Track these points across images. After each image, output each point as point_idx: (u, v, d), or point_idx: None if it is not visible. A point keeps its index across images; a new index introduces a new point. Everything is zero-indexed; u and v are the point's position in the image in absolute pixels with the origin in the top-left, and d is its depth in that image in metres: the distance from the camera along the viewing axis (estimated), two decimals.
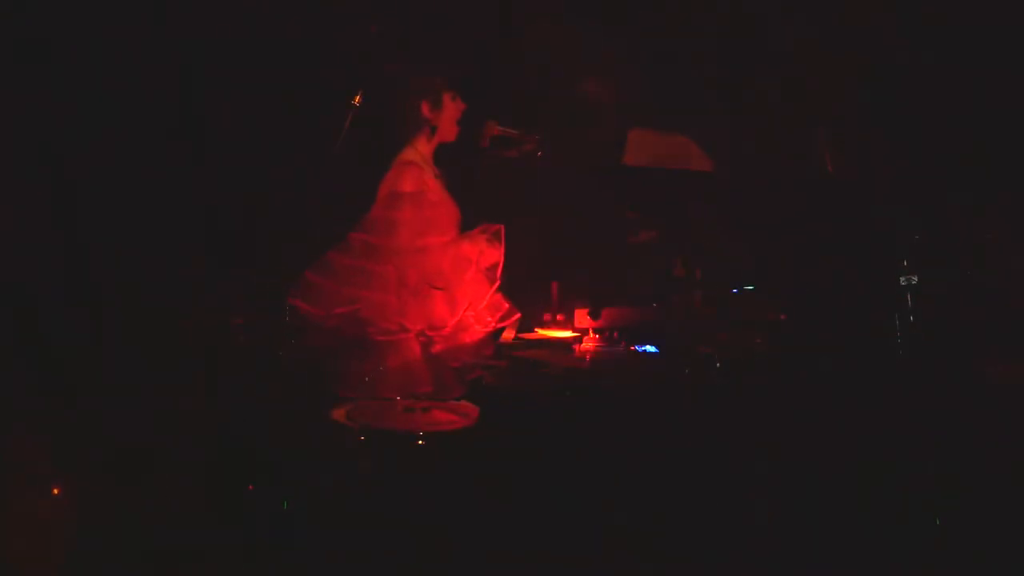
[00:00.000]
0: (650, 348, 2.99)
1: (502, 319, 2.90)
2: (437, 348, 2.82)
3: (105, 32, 2.80)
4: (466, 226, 3.01)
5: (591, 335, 3.06)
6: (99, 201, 2.33)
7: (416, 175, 2.91)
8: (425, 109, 2.96)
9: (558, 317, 3.21)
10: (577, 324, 3.13)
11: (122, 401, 2.34)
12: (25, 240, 2.26)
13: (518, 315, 2.95)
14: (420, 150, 2.99)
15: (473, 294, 2.87)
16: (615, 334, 3.05)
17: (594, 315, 3.09)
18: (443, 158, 3.08)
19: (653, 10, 3.54)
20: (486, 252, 2.90)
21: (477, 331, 2.88)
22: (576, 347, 3.00)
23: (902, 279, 2.73)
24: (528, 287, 3.21)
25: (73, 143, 2.45)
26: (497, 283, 2.89)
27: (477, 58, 3.38)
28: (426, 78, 2.98)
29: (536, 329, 3.19)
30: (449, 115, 3.00)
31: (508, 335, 3.05)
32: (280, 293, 2.76)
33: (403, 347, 2.79)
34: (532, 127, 3.09)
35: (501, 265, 2.90)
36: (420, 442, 2.53)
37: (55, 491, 2.24)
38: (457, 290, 2.85)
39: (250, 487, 2.44)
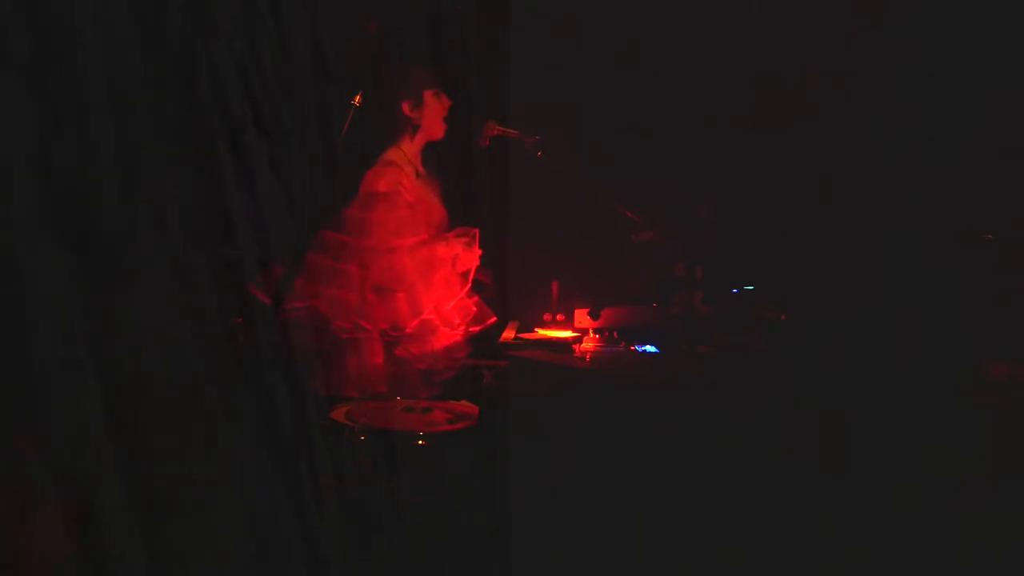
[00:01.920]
0: (650, 348, 3.00)
1: (473, 323, 2.90)
2: (400, 349, 2.83)
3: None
4: (458, 226, 3.01)
5: (591, 335, 3.06)
6: (92, 199, 2.31)
7: (392, 175, 2.92)
8: (406, 108, 2.97)
9: (558, 317, 3.22)
10: (577, 324, 3.13)
11: (120, 401, 2.33)
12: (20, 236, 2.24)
13: (493, 319, 2.95)
14: (404, 149, 2.99)
15: (440, 296, 2.88)
16: (615, 334, 3.06)
17: (594, 315, 3.09)
18: (439, 157, 3.09)
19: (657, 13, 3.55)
20: (462, 256, 2.91)
21: (446, 334, 2.88)
22: (576, 347, 3.00)
23: (902, 279, 2.73)
24: (528, 287, 3.22)
25: (66, 139, 2.44)
26: (467, 287, 2.90)
27: (476, 57, 3.38)
28: (405, 76, 2.99)
29: (536, 329, 3.20)
30: (432, 113, 3.01)
31: (508, 335, 3.05)
32: (279, 292, 2.76)
33: (365, 346, 2.81)
34: (532, 127, 3.09)
35: (474, 270, 2.91)
36: (420, 442, 2.54)
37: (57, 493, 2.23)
38: (421, 291, 2.86)
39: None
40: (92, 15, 2.23)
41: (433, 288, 2.88)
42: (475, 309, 2.93)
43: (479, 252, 2.94)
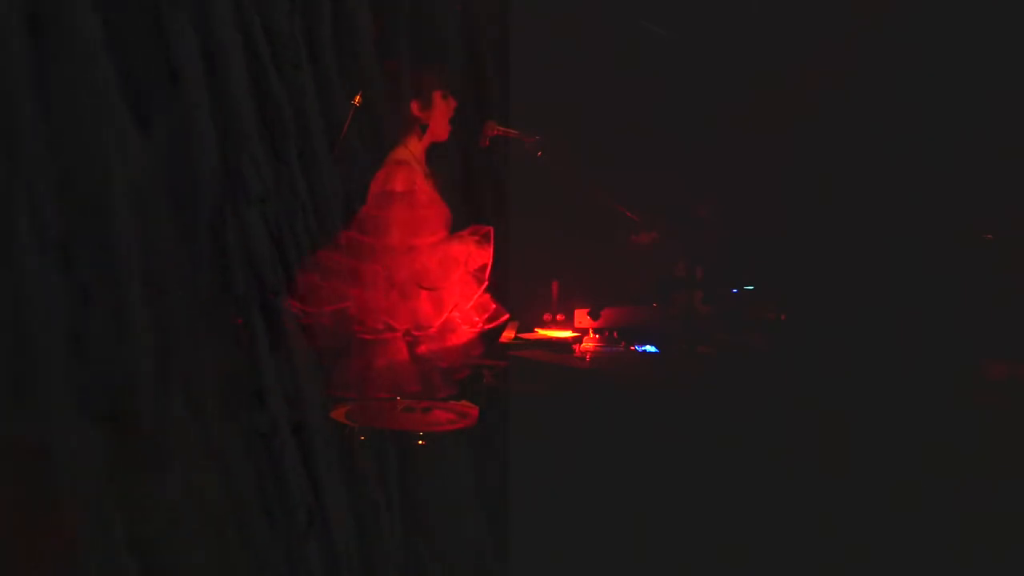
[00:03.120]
0: (650, 348, 3.00)
1: (489, 320, 2.90)
2: (423, 348, 2.83)
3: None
4: (459, 226, 3.01)
5: (591, 335, 3.06)
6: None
7: (407, 174, 2.91)
8: (415, 108, 2.96)
9: (558, 317, 3.22)
10: (577, 324, 3.13)
11: (122, 401, 2.33)
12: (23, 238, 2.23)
13: (506, 316, 2.95)
14: (411, 149, 2.99)
15: (460, 295, 2.88)
16: (615, 334, 3.06)
17: (594, 315, 3.09)
18: (438, 157, 3.08)
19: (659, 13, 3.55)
20: (475, 253, 2.91)
21: (465, 332, 2.88)
22: (576, 347, 3.00)
23: (902, 279, 2.73)
24: (528, 287, 3.21)
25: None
26: (485, 284, 2.90)
27: (476, 56, 3.38)
28: (416, 77, 2.98)
29: (536, 329, 3.19)
30: (440, 114, 3.00)
31: (508, 335, 3.05)
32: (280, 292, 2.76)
33: (390, 347, 2.80)
34: (532, 127, 3.09)
35: (490, 267, 2.90)
36: (420, 442, 2.54)
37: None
38: (444, 290, 2.85)
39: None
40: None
41: (453, 286, 2.88)
42: (493, 306, 2.93)
43: (492, 250, 2.94)
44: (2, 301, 2.15)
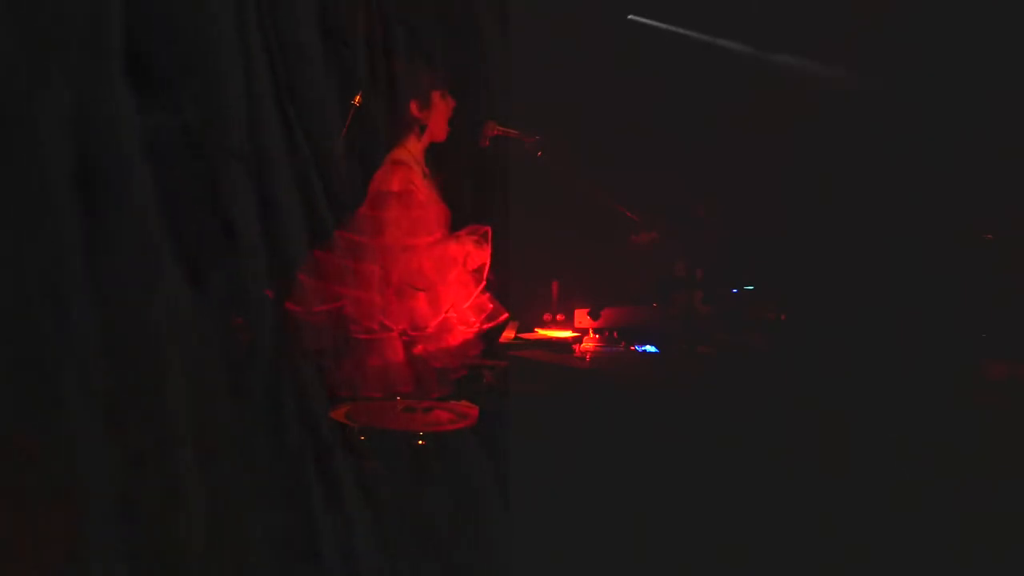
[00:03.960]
0: (650, 348, 3.00)
1: (487, 320, 2.90)
2: (419, 348, 2.83)
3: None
4: (459, 226, 3.01)
5: (591, 335, 3.06)
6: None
7: (404, 175, 2.92)
8: (414, 108, 2.96)
9: (558, 317, 3.22)
10: (577, 324, 3.13)
11: (120, 402, 2.32)
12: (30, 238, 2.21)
13: (505, 316, 2.95)
14: (410, 149, 2.99)
15: (457, 295, 2.88)
16: (615, 334, 3.06)
17: (594, 315, 3.10)
18: (440, 157, 3.08)
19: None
20: (473, 253, 2.91)
21: (461, 332, 2.88)
22: (576, 347, 3.00)
23: (902, 279, 2.73)
24: (528, 287, 3.22)
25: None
26: (483, 284, 2.90)
27: (476, 57, 3.38)
28: (415, 77, 2.98)
29: (536, 329, 3.20)
30: (439, 114, 3.00)
31: (508, 335, 3.05)
32: (280, 292, 2.76)
33: (385, 346, 2.80)
34: (532, 127, 3.09)
35: (488, 267, 2.91)
36: (420, 442, 2.54)
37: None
38: (441, 290, 2.85)
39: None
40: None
41: (449, 287, 2.88)
42: (491, 306, 2.93)
43: (490, 250, 2.94)
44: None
